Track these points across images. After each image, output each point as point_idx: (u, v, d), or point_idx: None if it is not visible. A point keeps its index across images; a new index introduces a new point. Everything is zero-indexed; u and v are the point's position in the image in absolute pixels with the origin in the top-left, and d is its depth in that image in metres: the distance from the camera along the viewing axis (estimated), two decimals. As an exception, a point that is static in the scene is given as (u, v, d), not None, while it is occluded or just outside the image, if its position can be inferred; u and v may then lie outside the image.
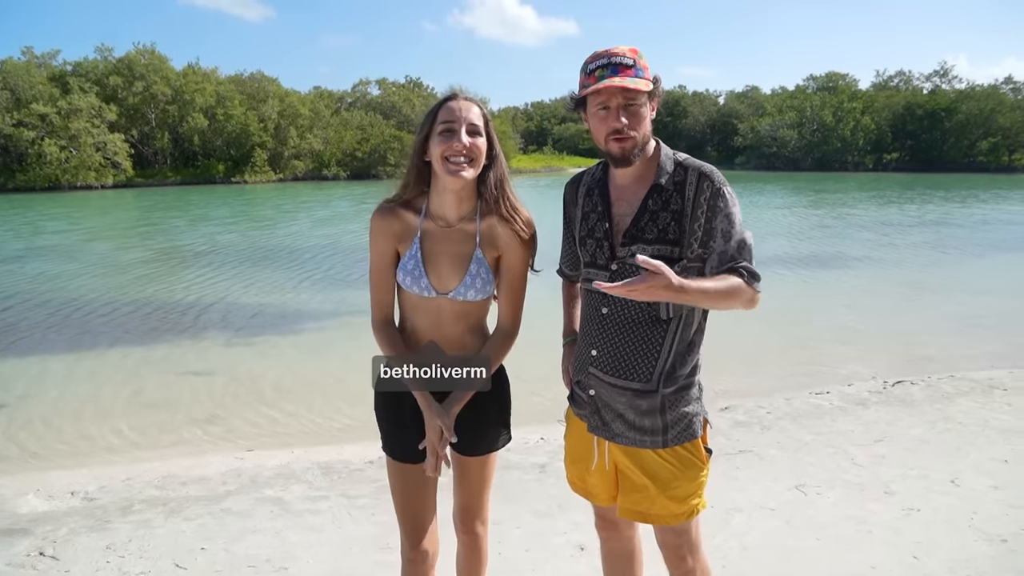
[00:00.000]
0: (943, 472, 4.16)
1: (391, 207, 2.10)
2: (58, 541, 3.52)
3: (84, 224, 25.32)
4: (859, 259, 14.87)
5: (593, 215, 2.02)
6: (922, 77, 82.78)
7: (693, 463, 2.00)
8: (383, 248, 2.11)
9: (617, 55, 1.82)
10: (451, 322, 2.11)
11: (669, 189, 1.89)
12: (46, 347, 8.46)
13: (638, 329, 1.93)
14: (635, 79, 1.81)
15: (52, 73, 53.32)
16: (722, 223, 1.85)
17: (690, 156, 1.96)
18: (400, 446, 2.16)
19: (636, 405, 1.96)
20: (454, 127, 1.95)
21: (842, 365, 7.24)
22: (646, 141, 1.90)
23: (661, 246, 1.87)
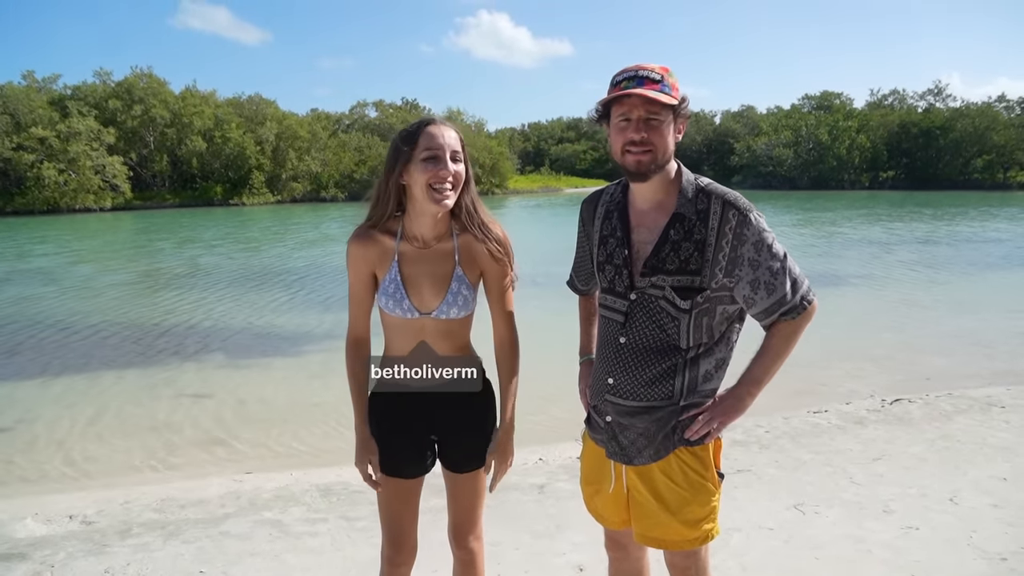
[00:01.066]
0: (942, 490, 4.16)
1: (367, 232, 2.11)
2: (56, 565, 3.50)
3: (72, 247, 25.43)
4: (855, 277, 14.90)
5: (612, 240, 1.99)
6: (916, 95, 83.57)
7: (703, 486, 1.99)
8: (360, 273, 2.14)
9: (645, 69, 1.81)
10: (435, 342, 2.14)
11: (691, 218, 1.85)
12: (43, 370, 8.44)
13: (656, 358, 1.92)
14: (659, 92, 1.78)
15: (52, 97, 53.69)
16: (749, 251, 1.82)
17: (713, 182, 1.92)
18: (387, 460, 2.20)
19: (658, 419, 1.96)
20: (438, 154, 1.96)
21: (840, 384, 7.25)
22: (666, 159, 1.86)
23: (682, 276, 1.85)
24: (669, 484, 1.98)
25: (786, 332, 1.91)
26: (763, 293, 1.84)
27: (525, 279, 2.34)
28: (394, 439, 2.19)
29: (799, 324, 1.91)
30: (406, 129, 2.02)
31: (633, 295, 1.92)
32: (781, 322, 1.90)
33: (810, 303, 1.90)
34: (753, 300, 1.86)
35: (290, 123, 59.24)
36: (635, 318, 1.93)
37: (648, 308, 1.91)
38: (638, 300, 1.92)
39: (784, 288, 1.85)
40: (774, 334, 1.92)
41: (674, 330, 1.89)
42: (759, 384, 1.94)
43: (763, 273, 1.83)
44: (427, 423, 2.20)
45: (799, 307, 1.88)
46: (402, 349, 2.15)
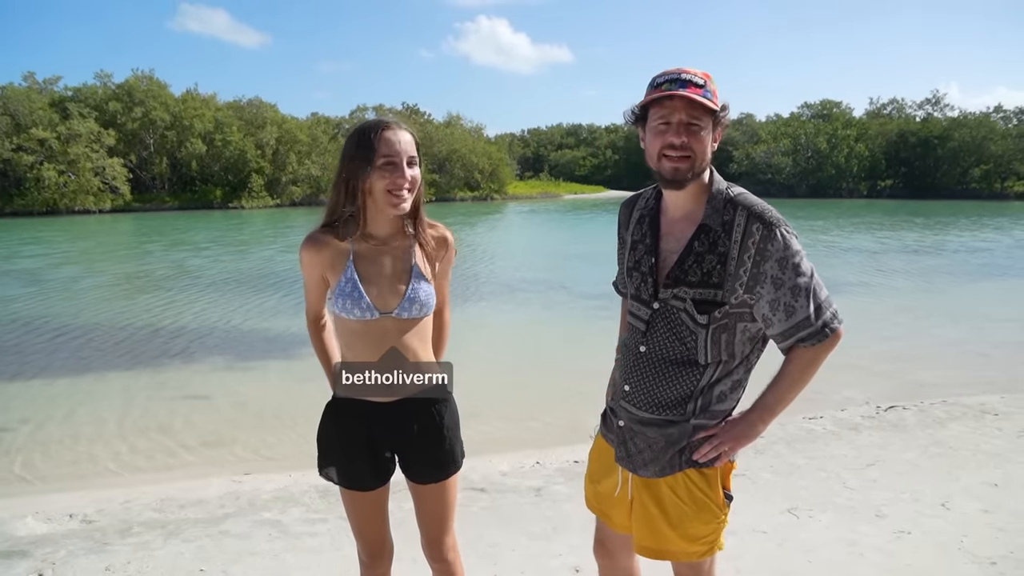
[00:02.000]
0: (934, 496, 4.20)
1: (320, 236, 2.08)
2: (57, 563, 3.54)
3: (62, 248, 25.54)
4: (851, 284, 14.97)
5: (641, 246, 1.96)
6: (915, 105, 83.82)
7: (707, 505, 1.95)
8: (312, 276, 2.14)
9: (688, 72, 1.73)
10: (401, 345, 2.10)
11: (717, 230, 1.79)
12: (45, 371, 8.48)
13: (674, 370, 1.88)
14: (701, 97, 1.71)
15: (53, 98, 53.75)
16: (772, 268, 1.75)
17: (745, 192, 1.85)
18: (351, 475, 2.17)
19: (668, 434, 1.93)
20: (395, 160, 1.96)
21: (835, 390, 7.28)
22: (702, 167, 1.80)
23: (704, 290, 1.80)
24: (673, 498, 1.96)
25: (804, 359, 1.82)
26: (781, 315, 1.77)
27: (519, 286, 2.37)
28: (352, 453, 2.15)
29: (819, 352, 1.82)
30: (362, 132, 1.99)
31: (656, 304, 1.89)
32: (799, 347, 1.82)
33: (834, 331, 1.81)
34: (771, 321, 1.79)
35: (290, 127, 59.38)
36: (656, 328, 1.90)
37: (669, 319, 1.87)
38: (660, 310, 1.88)
39: (805, 311, 1.77)
40: (792, 360, 1.84)
41: (692, 344, 1.85)
42: (772, 412, 1.89)
43: (784, 294, 1.75)
44: (386, 436, 2.16)
45: (820, 333, 1.80)
46: (368, 355, 2.10)
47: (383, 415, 2.14)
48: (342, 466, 2.18)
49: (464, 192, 67.96)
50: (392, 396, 2.12)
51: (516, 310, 12.10)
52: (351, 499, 2.21)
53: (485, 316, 11.14)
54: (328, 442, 2.21)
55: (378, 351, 2.09)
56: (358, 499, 2.20)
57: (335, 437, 2.18)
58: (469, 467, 4.94)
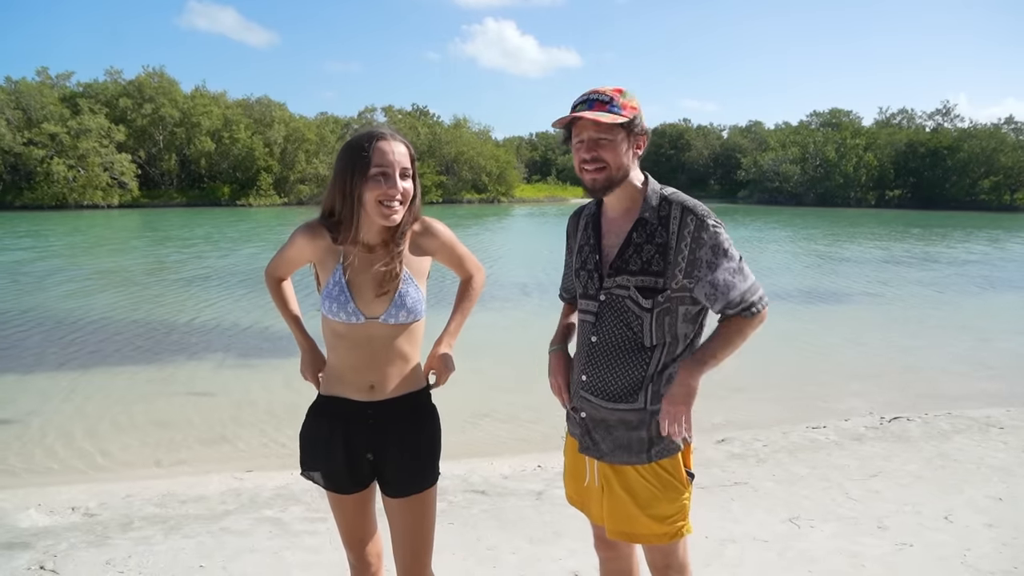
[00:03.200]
0: (937, 508, 4.18)
1: (318, 228, 2.08)
2: (58, 556, 3.55)
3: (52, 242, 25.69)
4: (856, 295, 14.94)
5: (587, 247, 2.13)
6: (924, 115, 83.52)
7: (673, 484, 2.07)
8: (297, 259, 2.19)
9: (597, 92, 1.95)
10: (383, 348, 2.08)
11: (653, 223, 1.98)
12: (49, 364, 8.51)
13: (624, 356, 2.03)
14: (605, 113, 1.90)
15: (64, 94, 54.09)
16: (706, 254, 1.93)
17: (678, 191, 2.04)
18: (330, 477, 2.17)
19: (627, 421, 2.04)
20: (388, 171, 1.95)
21: (839, 400, 7.28)
22: (621, 174, 1.98)
23: (645, 277, 1.97)
24: (640, 481, 2.06)
25: (736, 327, 1.99)
26: (723, 289, 1.95)
27: (519, 288, 2.39)
28: (329, 453, 2.14)
29: (752, 323, 2.00)
30: (357, 142, 1.99)
31: (603, 296, 2.04)
32: (737, 317, 1.99)
33: (760, 310, 2.00)
34: (714, 297, 1.96)
35: (298, 125, 59.57)
36: (604, 317, 2.04)
37: (616, 308, 2.02)
38: (607, 300, 2.04)
39: (741, 287, 1.96)
40: (728, 324, 2.00)
41: (639, 328, 1.99)
42: (701, 365, 1.98)
43: (721, 274, 1.94)
44: (364, 437, 2.12)
45: (754, 306, 1.98)
46: (352, 357, 2.10)
47: (363, 416, 2.11)
48: (322, 466, 2.17)
49: (471, 194, 68.05)
50: (373, 397, 2.11)
51: (519, 312, 12.10)
52: (334, 501, 2.21)
53: (488, 318, 11.14)
54: (307, 441, 2.20)
55: (362, 354, 2.08)
56: (341, 501, 2.20)
57: (314, 435, 2.18)
58: (469, 469, 4.98)
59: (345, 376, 2.12)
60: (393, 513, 2.19)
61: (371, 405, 2.11)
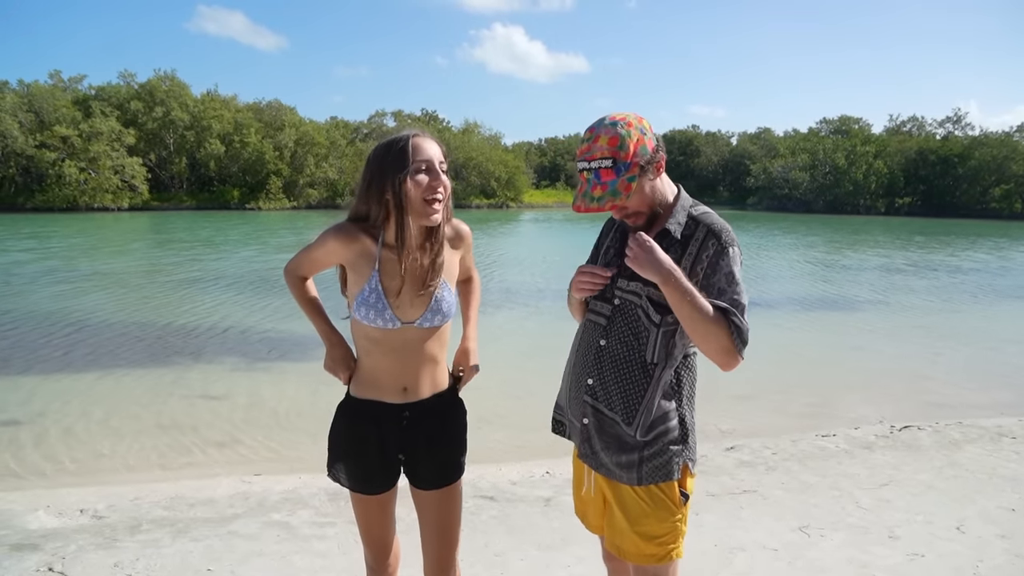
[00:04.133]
0: (949, 518, 4.15)
1: (353, 230, 2.04)
2: (67, 558, 3.56)
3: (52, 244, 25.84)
4: (867, 302, 14.86)
5: (612, 250, 2.11)
6: (935, 123, 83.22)
7: (664, 504, 1.99)
8: (326, 260, 2.13)
9: (595, 159, 1.88)
10: (417, 351, 2.10)
11: (675, 238, 1.94)
12: (60, 366, 8.55)
13: (629, 366, 1.98)
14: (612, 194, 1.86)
15: (76, 97, 54.47)
16: (720, 281, 1.89)
17: (709, 212, 1.99)
18: (359, 477, 2.18)
19: (621, 439, 2.00)
20: (430, 164, 1.96)
21: (849, 408, 7.23)
22: (659, 206, 1.98)
23: (656, 290, 1.91)
24: (632, 495, 2.01)
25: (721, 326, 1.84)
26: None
27: (531, 294, 2.40)
28: (361, 454, 2.16)
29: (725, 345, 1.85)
30: (393, 142, 1.98)
31: (616, 300, 2.01)
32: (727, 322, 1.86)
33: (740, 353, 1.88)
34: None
35: (308, 129, 59.79)
36: (616, 322, 2.01)
37: (627, 315, 1.99)
38: (620, 305, 2.00)
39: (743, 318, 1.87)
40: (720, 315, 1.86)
41: (644, 340, 1.96)
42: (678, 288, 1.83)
43: (729, 302, 1.87)
44: (398, 438, 2.15)
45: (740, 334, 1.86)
46: (386, 362, 2.11)
47: (397, 418, 2.13)
48: (351, 467, 2.18)
49: (480, 199, 68.10)
50: (406, 399, 2.13)
51: (528, 318, 12.09)
52: (359, 502, 2.21)
53: (497, 323, 11.14)
54: (338, 442, 2.20)
55: (396, 358, 2.10)
56: (366, 502, 2.21)
57: (346, 437, 2.19)
58: (478, 475, 4.96)
59: (379, 380, 2.13)
60: (425, 506, 2.23)
61: (406, 407, 2.13)
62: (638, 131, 1.88)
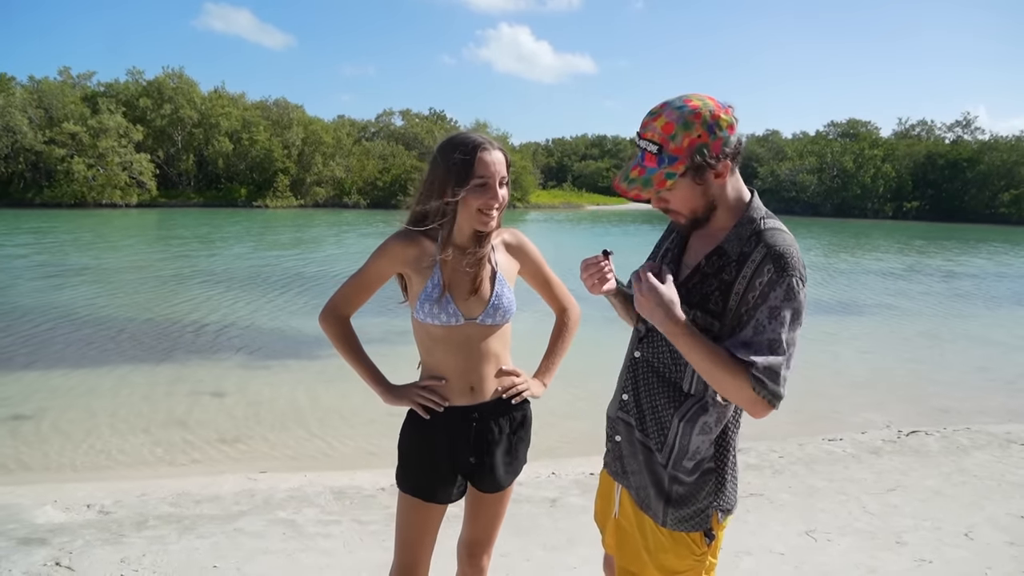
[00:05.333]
0: (957, 525, 4.12)
1: (415, 238, 2.09)
2: (74, 552, 3.56)
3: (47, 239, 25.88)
4: (874, 306, 14.81)
5: (670, 254, 1.92)
6: (944, 127, 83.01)
7: (683, 540, 1.83)
8: (387, 269, 2.12)
9: (644, 139, 1.68)
10: (480, 348, 2.13)
11: (731, 257, 1.70)
12: (66, 361, 8.59)
13: (662, 388, 1.83)
14: (643, 182, 1.66)
15: (85, 93, 54.73)
16: (762, 314, 1.62)
17: (779, 229, 1.71)
18: (428, 488, 2.14)
19: (652, 466, 1.85)
20: (490, 182, 2.01)
21: (856, 413, 7.21)
22: (704, 213, 1.74)
23: (702, 314, 1.71)
24: (652, 525, 1.87)
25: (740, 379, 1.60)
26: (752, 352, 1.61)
27: (539, 297, 2.39)
28: (432, 461, 2.14)
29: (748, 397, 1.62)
30: (460, 150, 2.00)
31: None
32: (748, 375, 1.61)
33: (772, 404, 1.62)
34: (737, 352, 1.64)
35: (315, 128, 59.92)
36: (652, 337, 1.85)
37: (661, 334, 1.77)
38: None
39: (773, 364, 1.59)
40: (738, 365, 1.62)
41: (682, 368, 1.78)
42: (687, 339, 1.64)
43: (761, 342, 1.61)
44: (471, 444, 2.15)
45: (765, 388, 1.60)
46: (449, 361, 2.11)
47: (468, 421, 2.13)
48: (420, 475, 2.14)
49: (486, 199, 68.02)
50: (474, 400, 2.13)
51: (535, 318, 12.08)
52: (419, 510, 2.14)
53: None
54: (408, 450, 2.18)
55: (460, 357, 2.11)
56: (427, 511, 2.15)
57: (415, 444, 2.17)
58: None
59: (446, 381, 2.12)
60: (482, 504, 2.26)
61: (475, 409, 2.14)
62: (703, 126, 1.62)
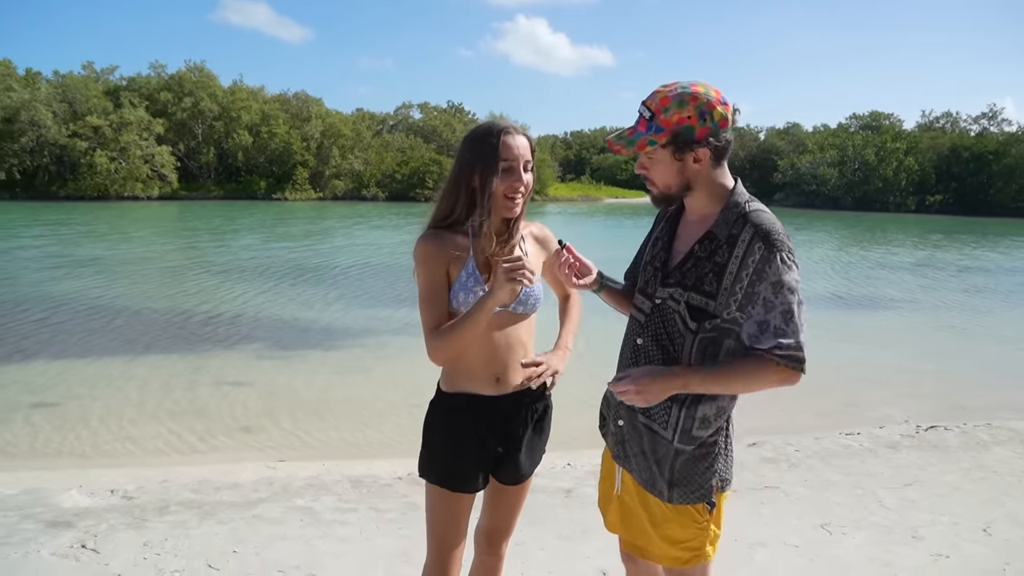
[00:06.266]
0: (976, 520, 4.09)
1: (439, 233, 2.09)
2: (99, 536, 3.64)
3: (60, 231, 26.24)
4: (894, 300, 14.67)
5: (660, 243, 2.02)
6: (969, 119, 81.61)
7: (686, 510, 1.94)
8: (437, 273, 2.08)
9: (647, 104, 1.81)
10: (509, 337, 2.13)
11: (720, 239, 1.81)
12: (93, 350, 8.74)
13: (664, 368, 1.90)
14: (628, 141, 1.82)
15: (108, 87, 55.32)
16: (766, 291, 1.74)
17: (763, 210, 1.84)
18: (461, 478, 2.15)
19: (655, 449, 1.94)
20: (514, 165, 2.03)
21: (874, 407, 7.16)
22: (674, 191, 1.89)
23: (697, 295, 1.83)
24: (655, 499, 1.97)
25: (766, 368, 1.77)
26: (769, 336, 1.75)
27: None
28: (461, 451, 2.14)
29: (780, 375, 1.78)
30: (482, 136, 2.05)
31: (657, 299, 1.94)
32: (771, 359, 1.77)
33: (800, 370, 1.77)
34: (758, 339, 1.77)
35: (334, 121, 60.15)
36: (653, 322, 1.94)
37: (665, 317, 1.91)
38: (660, 306, 1.93)
39: (791, 339, 1.74)
40: (757, 359, 1.78)
41: (680, 346, 1.88)
42: (704, 382, 1.80)
43: (775, 317, 1.75)
44: (498, 434, 2.16)
45: (794, 360, 1.75)
46: (481, 350, 2.10)
47: (495, 411, 2.14)
48: (448, 464, 2.15)
49: (505, 192, 68.00)
50: (501, 390, 2.14)
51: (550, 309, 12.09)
52: (451, 501, 2.15)
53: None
54: (434, 439, 2.18)
55: (488, 345, 2.10)
56: (457, 501, 2.16)
57: (442, 433, 2.17)
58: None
59: (473, 370, 2.12)
60: (504, 493, 2.27)
61: (501, 399, 2.14)
62: (695, 110, 1.76)
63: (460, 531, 2.20)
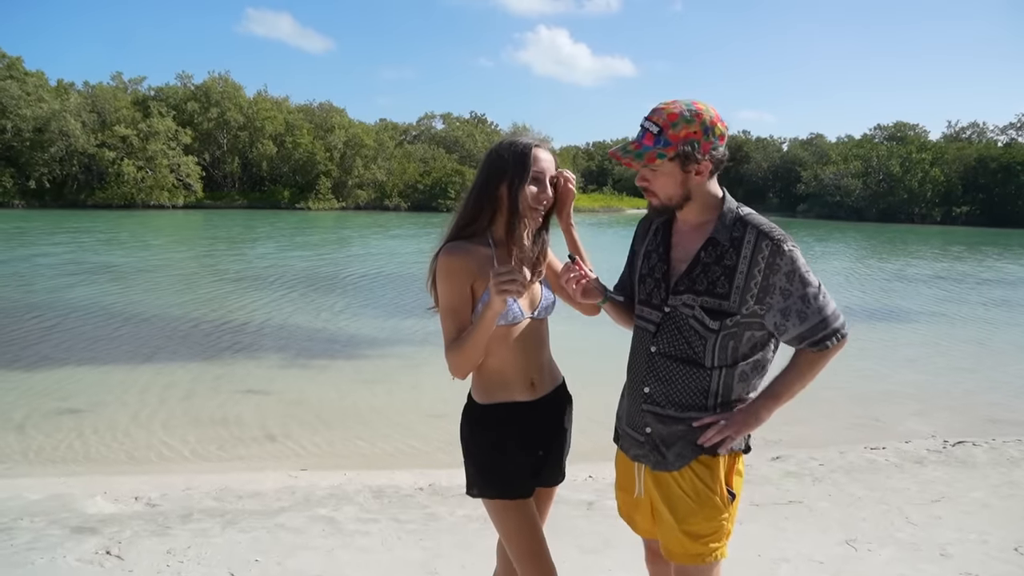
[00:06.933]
0: (1006, 539, 4.00)
1: (462, 246, 2.09)
2: (123, 542, 3.68)
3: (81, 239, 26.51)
4: (920, 313, 14.47)
5: (655, 255, 2.10)
6: (997, 129, 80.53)
7: (710, 498, 1.99)
8: (463, 286, 2.07)
9: (651, 120, 1.91)
10: (538, 342, 2.19)
11: (724, 244, 1.94)
12: (118, 358, 8.85)
13: (686, 368, 1.98)
14: (636, 155, 1.90)
15: (136, 97, 56.29)
16: (781, 280, 1.89)
17: (753, 212, 2.00)
18: (515, 485, 2.13)
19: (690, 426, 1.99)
20: (541, 178, 2.10)
21: (900, 422, 7.05)
22: (675, 202, 1.98)
23: (711, 299, 1.93)
24: (678, 492, 2.01)
25: (812, 358, 1.98)
26: (795, 320, 1.91)
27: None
28: (506, 459, 2.13)
29: (827, 354, 1.98)
30: (516, 147, 2.10)
31: (667, 308, 2.01)
32: (809, 350, 1.97)
33: (842, 337, 1.96)
34: (785, 327, 1.93)
35: (357, 131, 60.66)
36: (665, 330, 2.01)
37: (678, 323, 1.99)
38: (670, 314, 2.00)
39: (816, 317, 1.92)
40: (800, 356, 2.00)
41: (700, 347, 1.97)
42: (778, 400, 2.00)
43: (795, 302, 1.91)
44: (536, 435, 2.19)
45: (830, 337, 1.94)
46: (512, 358, 2.12)
47: (533, 415, 2.17)
48: (505, 475, 2.13)
49: (526, 202, 68.13)
50: (536, 395, 2.17)
51: (571, 318, 12.06)
52: (514, 510, 2.11)
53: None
54: (476, 453, 2.17)
55: (520, 352, 2.13)
56: (520, 508, 2.12)
57: (484, 446, 2.16)
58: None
59: (508, 378, 2.13)
60: (538, 501, 2.26)
61: (538, 404, 2.17)
62: (700, 126, 1.88)
63: (539, 535, 2.17)
